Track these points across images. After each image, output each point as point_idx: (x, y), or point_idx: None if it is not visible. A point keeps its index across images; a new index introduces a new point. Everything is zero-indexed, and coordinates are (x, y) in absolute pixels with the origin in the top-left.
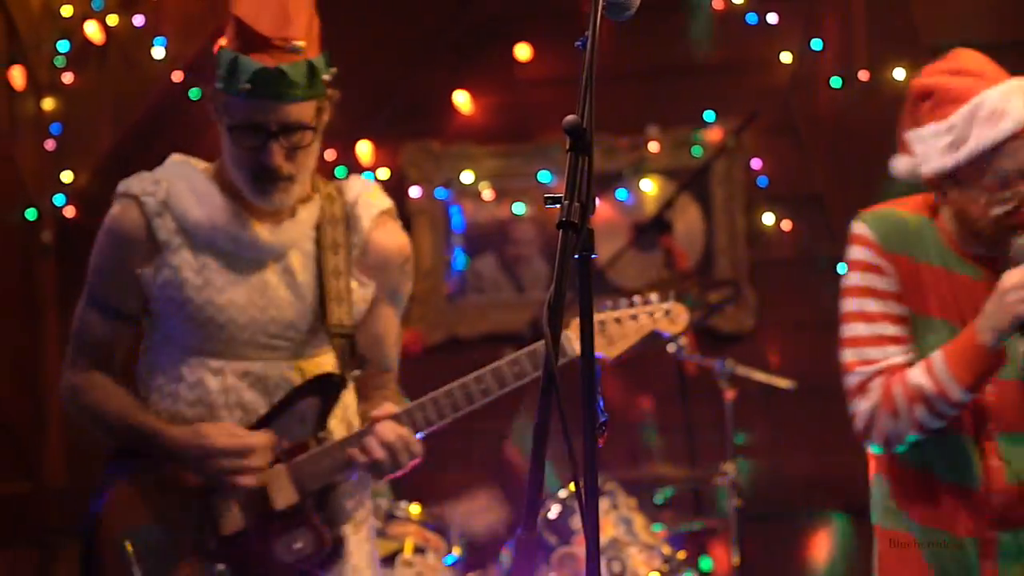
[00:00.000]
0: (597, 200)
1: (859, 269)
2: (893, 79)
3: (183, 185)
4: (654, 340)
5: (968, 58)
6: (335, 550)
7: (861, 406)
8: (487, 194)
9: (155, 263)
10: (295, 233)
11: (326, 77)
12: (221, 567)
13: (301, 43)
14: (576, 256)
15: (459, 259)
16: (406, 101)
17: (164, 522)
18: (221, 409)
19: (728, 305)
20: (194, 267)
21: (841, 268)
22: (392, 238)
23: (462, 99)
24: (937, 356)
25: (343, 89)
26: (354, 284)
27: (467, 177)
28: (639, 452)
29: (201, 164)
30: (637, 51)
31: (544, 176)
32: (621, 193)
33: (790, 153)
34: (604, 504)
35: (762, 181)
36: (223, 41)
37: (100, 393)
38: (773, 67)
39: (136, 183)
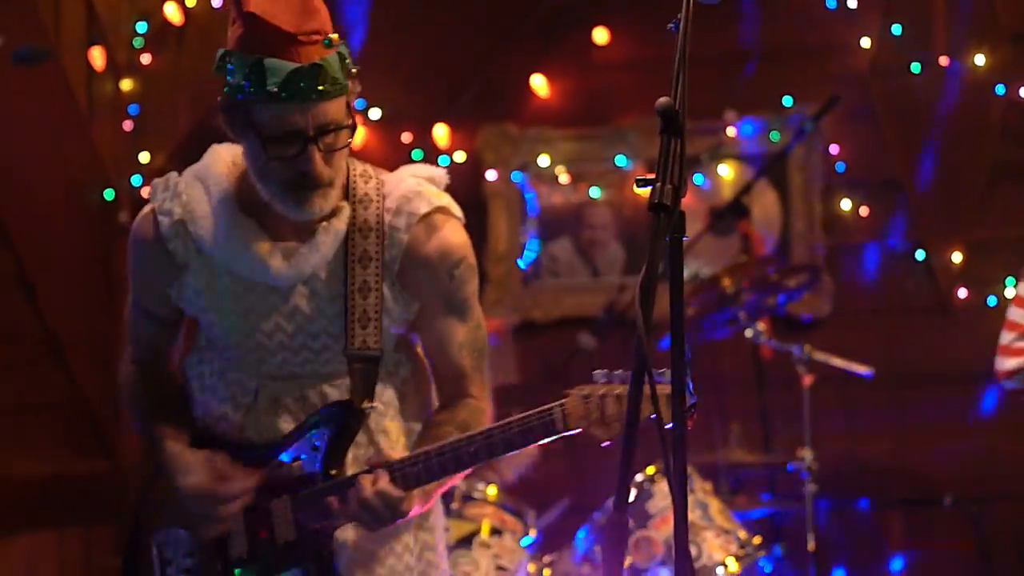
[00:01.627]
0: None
1: None
2: (973, 65)
3: (203, 203)
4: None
5: None
6: None
7: None
8: (563, 178)
9: (179, 280)
10: (317, 257)
11: (352, 69)
12: None
13: (334, 35)
14: (668, 238)
15: (534, 243)
16: (483, 85)
17: (189, 528)
18: (249, 430)
19: (805, 291)
20: (216, 290)
21: (919, 254)
22: (434, 243)
23: (539, 82)
24: None
25: (421, 71)
26: (390, 302)
27: (543, 161)
28: (716, 437)
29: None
30: (717, 35)
31: (621, 160)
32: (698, 178)
33: (868, 138)
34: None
35: (840, 167)
36: (229, 45)
37: (137, 391)
38: (852, 52)
39: (160, 192)
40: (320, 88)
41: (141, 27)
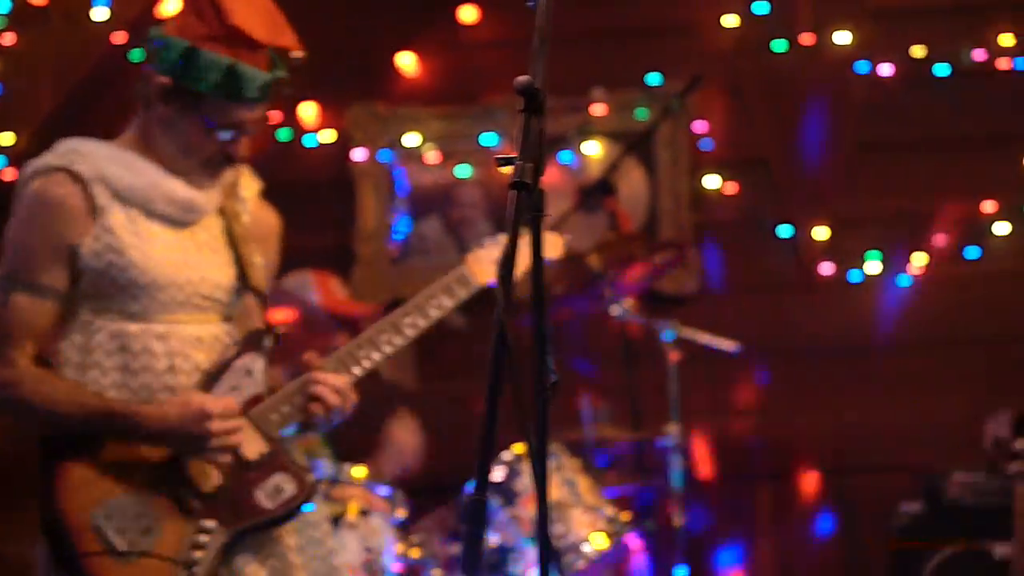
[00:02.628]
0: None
1: None
2: (837, 43)
3: (103, 153)
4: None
5: None
6: (314, 493)
7: None
8: (432, 156)
9: (93, 232)
10: (216, 198)
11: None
12: (210, 523)
13: (300, 53)
14: (528, 216)
15: (403, 222)
16: (352, 63)
17: (134, 492)
18: (165, 374)
19: (672, 267)
20: (131, 230)
21: (782, 231)
22: (271, 215)
23: (407, 61)
24: None
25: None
26: (256, 253)
27: (413, 139)
28: (584, 415)
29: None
30: (583, 13)
31: (489, 138)
32: (565, 156)
33: (735, 116)
34: (548, 466)
35: (707, 144)
36: (191, 38)
37: (43, 385)
38: (719, 30)
39: (55, 158)
40: (276, 95)
41: (4, 6)
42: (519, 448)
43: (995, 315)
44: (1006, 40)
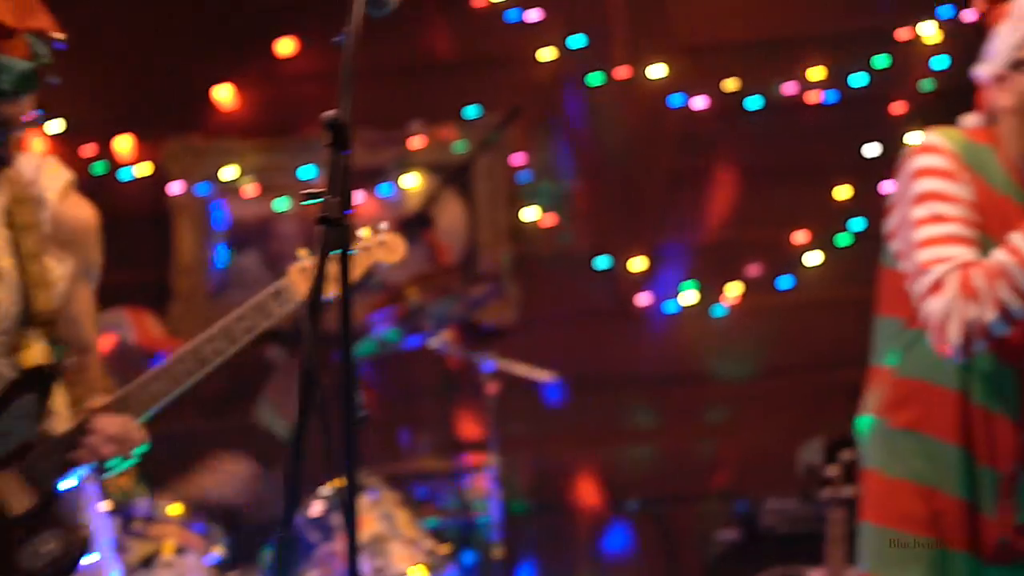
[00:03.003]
0: (361, 196)
1: (933, 175)
2: (652, 76)
3: None
4: (376, 272)
5: None
6: (86, 548)
7: (935, 304)
8: (250, 189)
9: None
10: None
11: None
12: None
13: (60, 35)
14: (336, 251)
15: (221, 255)
16: (169, 95)
17: None
18: None
19: (490, 299)
20: None
21: (600, 262)
22: (82, 210)
23: (224, 93)
24: (1015, 234)
25: (104, 83)
26: (50, 264)
27: (230, 172)
28: (404, 447)
29: None
30: (400, 47)
31: (307, 171)
32: (384, 188)
33: (553, 148)
34: (366, 500)
35: (525, 176)
36: None
37: None
38: (536, 63)
39: None
40: (40, 84)
41: None
42: (337, 483)
43: (807, 344)
44: (816, 74)
